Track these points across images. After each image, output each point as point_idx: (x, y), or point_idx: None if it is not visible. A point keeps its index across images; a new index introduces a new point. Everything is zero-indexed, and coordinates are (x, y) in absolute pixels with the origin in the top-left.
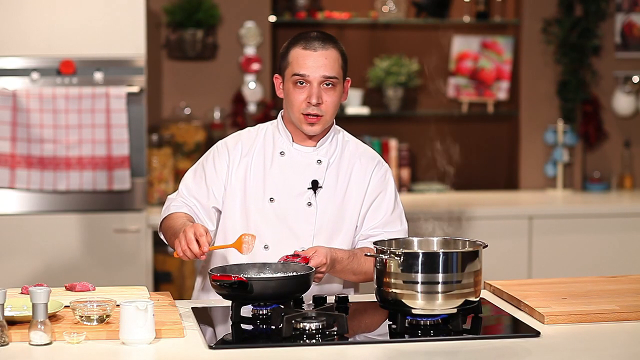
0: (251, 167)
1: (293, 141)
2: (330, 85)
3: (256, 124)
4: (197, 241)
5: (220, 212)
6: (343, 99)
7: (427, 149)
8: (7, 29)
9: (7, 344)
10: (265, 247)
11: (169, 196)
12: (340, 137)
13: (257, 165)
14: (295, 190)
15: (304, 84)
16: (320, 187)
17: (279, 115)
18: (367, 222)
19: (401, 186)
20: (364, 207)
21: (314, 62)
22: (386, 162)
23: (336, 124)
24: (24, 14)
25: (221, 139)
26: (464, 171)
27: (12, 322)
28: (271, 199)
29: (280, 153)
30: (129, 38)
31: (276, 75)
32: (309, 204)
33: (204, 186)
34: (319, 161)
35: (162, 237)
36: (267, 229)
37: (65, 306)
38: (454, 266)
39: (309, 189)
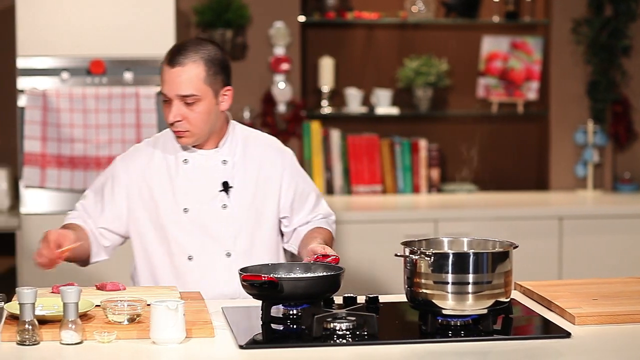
0: (155, 182)
1: (194, 146)
2: (191, 103)
3: (286, 124)
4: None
5: (119, 234)
6: (222, 108)
7: (457, 149)
8: (37, 29)
9: (38, 343)
10: (190, 258)
11: (77, 203)
12: (239, 133)
13: (162, 178)
14: (207, 196)
15: (168, 101)
16: (231, 187)
17: None
18: (298, 212)
19: (431, 186)
20: (286, 199)
21: (170, 80)
22: (417, 162)
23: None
24: (54, 14)
25: None
26: (493, 171)
27: (43, 321)
28: (185, 210)
29: (184, 161)
30: (158, 38)
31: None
32: (224, 206)
33: (101, 208)
34: (224, 161)
35: None
36: (187, 239)
37: (96, 305)
38: (485, 267)
39: (220, 191)
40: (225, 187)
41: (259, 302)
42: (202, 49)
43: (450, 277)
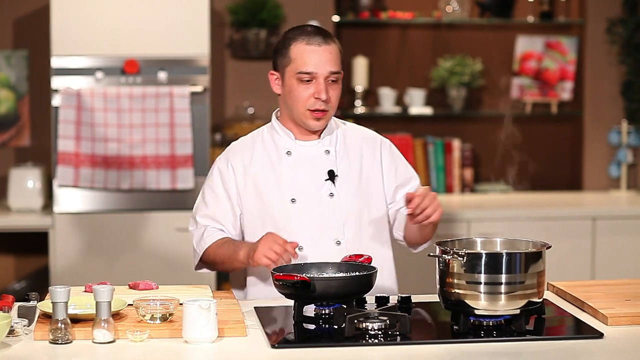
0: (259, 175)
1: (296, 139)
2: (334, 81)
3: None
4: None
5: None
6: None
7: (490, 150)
8: (72, 28)
9: (71, 341)
10: (300, 249)
11: (190, 229)
12: (337, 124)
13: (266, 171)
14: (314, 185)
15: (310, 80)
16: (337, 175)
17: (273, 117)
18: (401, 193)
19: (464, 186)
20: (389, 184)
21: (320, 58)
22: (450, 162)
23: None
24: (88, 13)
25: None
26: (527, 172)
27: (76, 320)
28: (292, 200)
29: (287, 153)
30: (193, 38)
31: (272, 71)
32: (331, 195)
33: (224, 209)
34: (327, 151)
35: (205, 269)
36: (296, 230)
37: (129, 304)
38: (517, 267)
39: (326, 180)
40: (331, 175)
41: (291, 302)
42: (330, 34)
43: (483, 277)
